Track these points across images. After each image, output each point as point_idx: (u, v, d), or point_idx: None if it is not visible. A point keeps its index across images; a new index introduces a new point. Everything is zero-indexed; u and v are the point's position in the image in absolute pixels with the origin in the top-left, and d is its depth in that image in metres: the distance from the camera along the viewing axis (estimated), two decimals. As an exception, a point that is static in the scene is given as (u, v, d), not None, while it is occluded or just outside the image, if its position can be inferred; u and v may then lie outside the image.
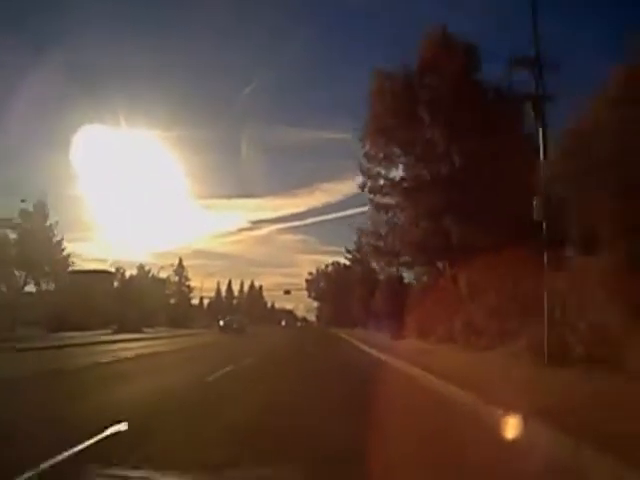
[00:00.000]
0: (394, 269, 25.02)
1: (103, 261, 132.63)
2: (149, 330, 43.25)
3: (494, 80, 16.11)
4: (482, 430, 5.13)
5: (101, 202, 57.75)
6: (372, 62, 79.14)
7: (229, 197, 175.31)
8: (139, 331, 39.22)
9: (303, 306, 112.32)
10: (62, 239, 43.16)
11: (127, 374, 10.80)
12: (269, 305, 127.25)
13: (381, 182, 18.09)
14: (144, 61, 73.93)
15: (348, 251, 53.70)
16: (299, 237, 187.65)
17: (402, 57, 16.65)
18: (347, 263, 59.73)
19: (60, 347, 19.66)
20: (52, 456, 3.69)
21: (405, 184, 17.12)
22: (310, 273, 79.93)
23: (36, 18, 61.85)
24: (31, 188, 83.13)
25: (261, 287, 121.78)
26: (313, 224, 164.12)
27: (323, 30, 76.52)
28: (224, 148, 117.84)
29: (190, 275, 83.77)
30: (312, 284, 76.23)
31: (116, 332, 37.27)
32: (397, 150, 17.17)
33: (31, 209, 41.26)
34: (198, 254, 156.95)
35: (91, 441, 4.25)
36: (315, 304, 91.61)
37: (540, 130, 11.35)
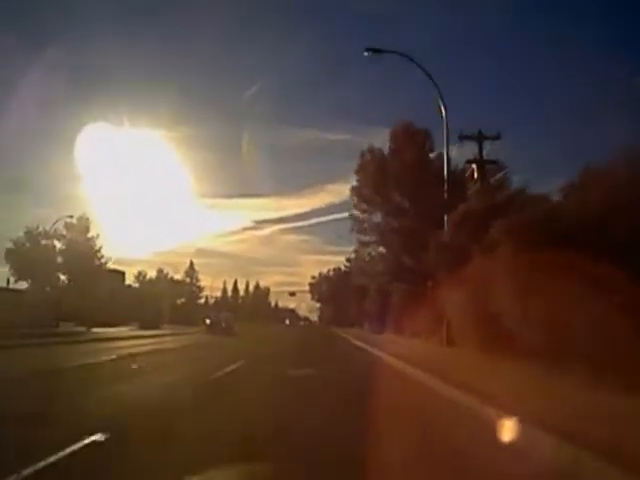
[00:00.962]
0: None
1: (106, 259, 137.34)
2: (167, 327, 47.45)
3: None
4: (395, 370, 12.58)
5: (104, 201, 56.93)
6: (376, 64, 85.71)
7: (233, 197, 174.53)
8: (158, 328, 43.24)
9: (305, 305, 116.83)
10: (101, 247, 50.79)
11: (203, 354, 18.21)
12: (273, 304, 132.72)
13: (365, 225, 25.94)
14: (148, 61, 77.92)
15: (348, 260, 61.68)
16: (302, 237, 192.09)
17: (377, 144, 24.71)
18: (347, 270, 67.60)
19: (121, 339, 24.84)
20: (219, 371, 11.13)
21: (380, 228, 24.96)
22: (313, 277, 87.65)
23: (40, 18, 64.86)
24: (35, 187, 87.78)
25: (269, 290, 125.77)
26: (317, 224, 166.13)
27: (328, 32, 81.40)
28: (228, 148, 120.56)
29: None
30: (315, 288, 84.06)
31: (141, 328, 40.37)
32: (374, 206, 24.99)
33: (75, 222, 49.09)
34: (201, 253, 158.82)
35: (232, 367, 11.77)
36: (317, 305, 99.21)
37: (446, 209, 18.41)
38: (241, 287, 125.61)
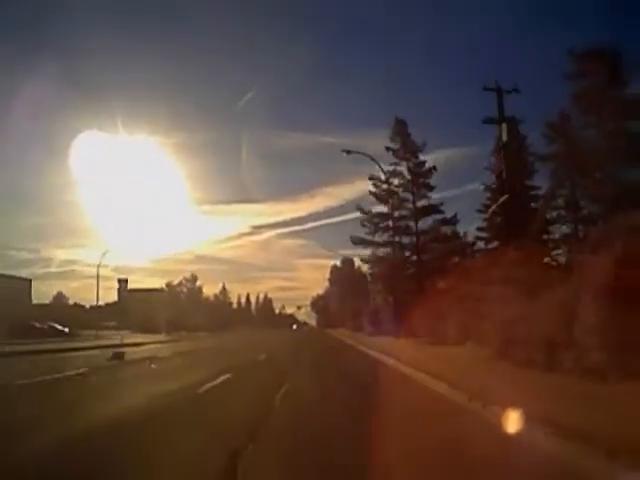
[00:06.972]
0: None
1: (103, 267, 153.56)
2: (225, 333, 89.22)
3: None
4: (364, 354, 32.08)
5: (101, 208, 57.91)
6: (373, 67, 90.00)
7: (230, 202, 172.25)
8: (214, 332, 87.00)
9: (303, 310, 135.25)
10: (202, 288, 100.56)
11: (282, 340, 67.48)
12: (277, 311, 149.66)
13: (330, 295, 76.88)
14: (144, 67, 76.77)
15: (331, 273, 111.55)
16: (300, 242, 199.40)
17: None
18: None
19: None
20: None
21: (333, 296, 75.59)
22: (313, 297, 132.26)
23: (36, 23, 66.04)
24: (33, 194, 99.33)
25: (283, 304, 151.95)
26: (314, 228, 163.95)
27: (326, 36, 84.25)
28: (224, 153, 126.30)
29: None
30: (315, 303, 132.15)
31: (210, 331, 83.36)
32: (334, 287, 75.69)
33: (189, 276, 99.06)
34: (199, 259, 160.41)
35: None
36: (313, 311, 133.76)
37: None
38: (243, 295, 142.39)
